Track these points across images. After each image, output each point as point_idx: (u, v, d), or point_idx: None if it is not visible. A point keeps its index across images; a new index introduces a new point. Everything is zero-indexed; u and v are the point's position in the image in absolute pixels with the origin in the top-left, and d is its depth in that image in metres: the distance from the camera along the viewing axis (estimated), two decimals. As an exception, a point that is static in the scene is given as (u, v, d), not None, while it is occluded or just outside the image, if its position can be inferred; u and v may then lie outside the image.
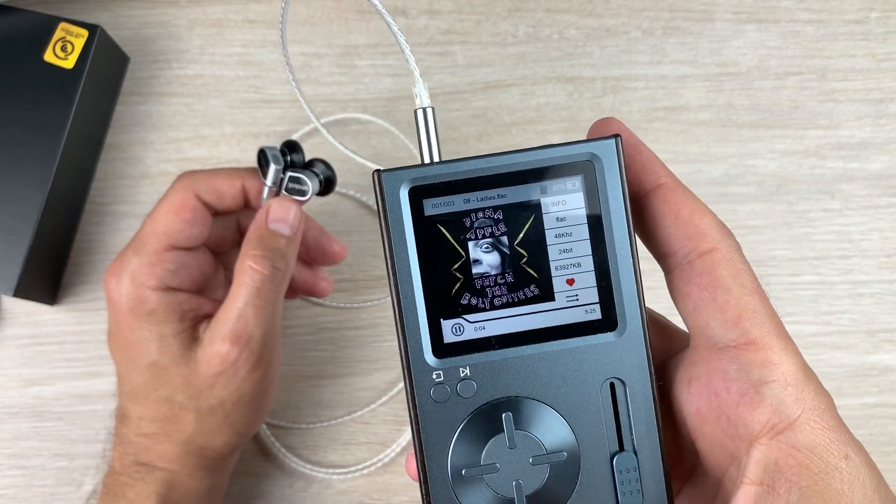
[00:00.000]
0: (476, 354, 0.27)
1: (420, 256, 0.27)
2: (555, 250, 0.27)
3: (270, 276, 0.37)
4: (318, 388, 0.50)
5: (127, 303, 0.38)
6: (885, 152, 0.53)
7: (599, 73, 0.54)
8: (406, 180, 0.27)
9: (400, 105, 0.53)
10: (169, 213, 0.39)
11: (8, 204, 0.46)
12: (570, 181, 0.27)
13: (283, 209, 0.39)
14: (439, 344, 0.27)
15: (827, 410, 0.25)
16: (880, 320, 0.51)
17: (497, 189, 0.27)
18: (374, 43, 0.54)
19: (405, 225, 0.27)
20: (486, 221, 0.27)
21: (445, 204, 0.27)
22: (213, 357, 0.37)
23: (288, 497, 0.48)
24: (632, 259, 0.27)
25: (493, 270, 0.27)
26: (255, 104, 0.53)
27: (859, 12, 0.55)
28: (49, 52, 0.48)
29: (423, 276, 0.27)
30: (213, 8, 0.54)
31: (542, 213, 0.27)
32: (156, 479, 0.39)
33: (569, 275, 0.27)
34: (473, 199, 0.27)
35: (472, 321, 0.27)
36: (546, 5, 0.55)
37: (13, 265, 0.46)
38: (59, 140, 0.47)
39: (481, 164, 0.27)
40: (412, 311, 0.27)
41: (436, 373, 0.27)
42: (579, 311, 0.27)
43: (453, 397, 0.27)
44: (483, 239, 0.27)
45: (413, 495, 0.48)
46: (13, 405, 0.49)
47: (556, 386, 0.27)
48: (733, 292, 0.26)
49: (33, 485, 0.48)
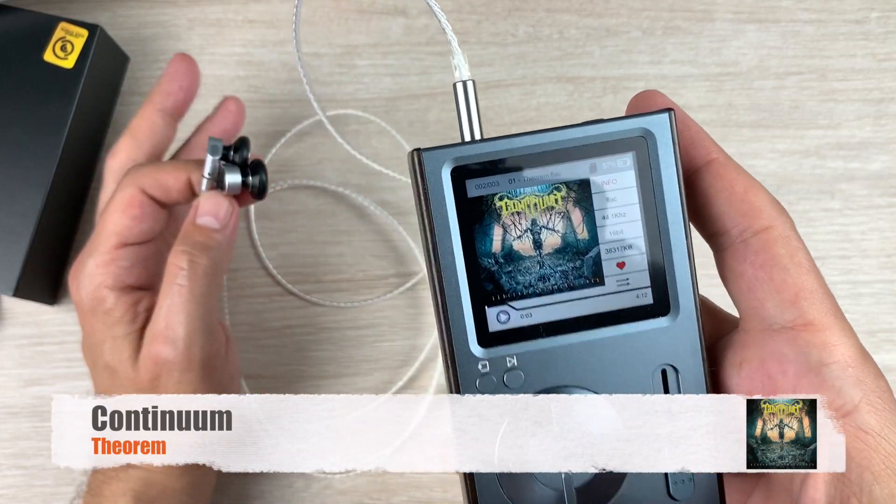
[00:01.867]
0: (523, 343, 0.26)
1: (463, 240, 0.25)
2: (605, 232, 0.26)
3: (190, 271, 0.37)
4: (319, 388, 0.50)
5: (87, 303, 0.38)
6: (886, 152, 0.53)
7: (599, 73, 0.54)
8: (449, 159, 0.25)
9: (400, 105, 0.53)
10: (117, 212, 0.39)
11: (8, 204, 0.46)
12: (622, 158, 0.26)
13: (211, 203, 0.38)
14: (484, 333, 0.26)
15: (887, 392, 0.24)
16: (880, 320, 0.51)
17: (544, 167, 0.25)
18: (373, 42, 0.54)
19: (448, 207, 0.25)
20: (532, 202, 0.26)
21: (490, 184, 0.25)
22: (147, 360, 0.37)
23: (287, 497, 0.48)
24: (686, 241, 0.26)
25: (539, 254, 0.26)
26: (255, 104, 0.53)
27: (859, 12, 0.55)
28: (49, 52, 0.48)
29: (467, 262, 0.25)
30: (213, 8, 0.54)
31: (592, 193, 0.26)
32: (130, 477, 0.39)
33: (619, 258, 0.26)
34: (519, 178, 0.25)
35: (519, 308, 0.26)
36: (546, 5, 0.55)
37: (13, 265, 0.46)
38: (59, 140, 0.47)
39: (527, 140, 0.25)
40: (456, 299, 0.25)
41: (481, 363, 0.26)
42: (630, 296, 0.26)
43: (500, 388, 0.26)
44: (529, 221, 0.26)
45: (413, 495, 0.48)
46: (13, 405, 0.49)
47: (606, 374, 0.26)
48: (791, 272, 0.25)
49: (33, 485, 0.48)
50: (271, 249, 0.51)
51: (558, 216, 0.26)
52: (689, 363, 0.26)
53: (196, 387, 0.38)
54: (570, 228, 0.26)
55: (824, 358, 0.24)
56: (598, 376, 0.26)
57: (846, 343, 0.24)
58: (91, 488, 0.39)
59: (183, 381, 0.38)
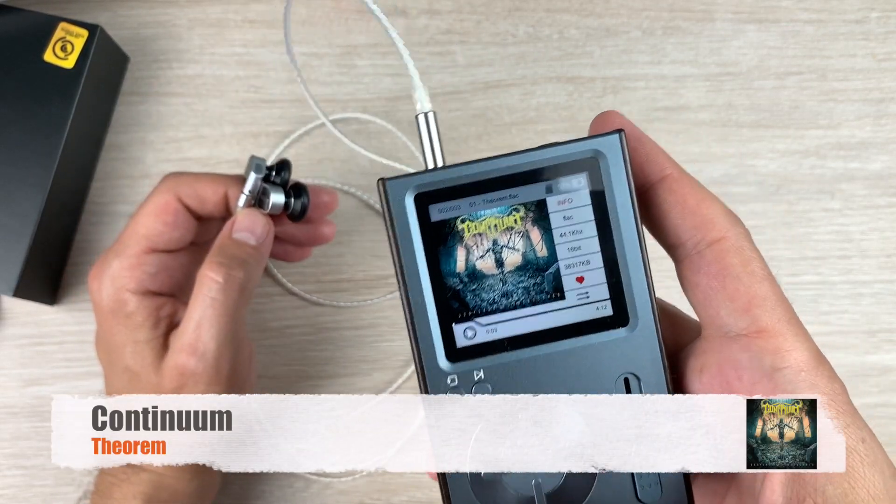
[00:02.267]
0: (489, 357, 0.27)
1: (429, 262, 0.27)
2: (563, 249, 0.27)
3: (226, 285, 0.36)
4: (318, 388, 0.50)
5: (108, 305, 0.38)
6: (886, 152, 0.53)
7: (599, 73, 0.54)
8: (411, 187, 0.27)
9: (400, 105, 0.53)
10: (150, 216, 0.38)
11: (8, 204, 0.46)
12: (576, 179, 0.27)
13: (249, 219, 0.38)
14: (452, 348, 0.27)
15: (840, 395, 0.25)
16: (880, 320, 0.51)
17: (502, 191, 0.27)
18: (373, 43, 0.54)
19: (412, 231, 0.27)
20: (492, 224, 0.27)
21: (451, 208, 0.27)
22: (173, 369, 0.37)
23: (288, 497, 0.48)
24: (641, 254, 0.27)
25: (502, 272, 0.27)
26: (255, 104, 0.53)
27: (859, 12, 0.55)
28: (49, 52, 0.48)
29: (433, 282, 0.27)
30: (213, 8, 0.54)
31: (549, 213, 0.27)
32: (142, 481, 0.39)
33: (578, 273, 0.27)
34: (479, 202, 0.27)
35: (484, 324, 0.27)
36: (546, 5, 0.55)
37: (13, 265, 0.46)
38: (59, 140, 0.47)
39: (485, 167, 0.27)
40: (423, 318, 0.27)
41: (450, 377, 0.27)
42: (590, 309, 0.27)
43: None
44: (490, 242, 0.27)
45: (413, 495, 0.48)
46: (13, 405, 0.49)
47: (570, 384, 0.27)
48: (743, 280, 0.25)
49: (33, 485, 0.48)
50: (271, 249, 0.51)
51: (518, 235, 0.27)
52: (650, 371, 0.27)
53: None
54: (529, 247, 0.27)
55: (777, 363, 0.25)
56: (562, 386, 0.27)
57: (799, 348, 0.25)
58: (99, 490, 0.39)
59: (208, 392, 0.38)
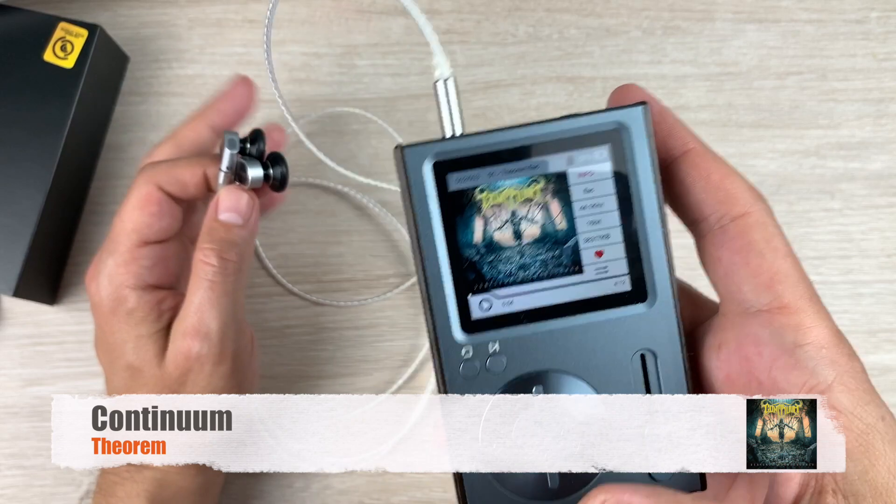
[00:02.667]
0: (505, 329, 0.27)
1: (446, 232, 0.26)
2: (583, 222, 0.27)
3: (221, 268, 0.37)
4: (318, 388, 0.50)
5: (108, 304, 0.38)
6: (886, 152, 0.53)
7: (599, 73, 0.54)
8: (430, 155, 0.26)
9: (400, 105, 0.53)
10: (135, 210, 0.38)
11: (8, 204, 0.46)
12: (598, 151, 0.26)
13: (232, 198, 0.38)
14: (467, 320, 0.27)
15: (860, 373, 0.25)
16: (880, 320, 0.51)
17: (522, 161, 0.26)
18: (373, 42, 0.54)
19: (430, 201, 0.26)
20: (511, 195, 0.27)
21: (470, 178, 0.26)
22: (177, 355, 0.37)
23: (287, 497, 0.48)
24: (662, 229, 0.26)
25: (519, 244, 0.27)
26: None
27: (859, 12, 0.55)
28: (49, 52, 0.48)
29: (450, 252, 0.26)
30: (213, 7, 0.54)
31: (569, 185, 0.27)
32: (145, 478, 0.39)
33: (597, 247, 0.27)
34: (498, 172, 0.26)
35: (501, 296, 0.27)
36: (546, 5, 0.55)
37: (13, 265, 0.46)
38: (59, 140, 0.47)
39: (506, 136, 0.26)
40: (439, 288, 0.26)
41: (465, 349, 0.27)
42: (609, 284, 0.27)
43: (483, 373, 0.27)
44: (509, 213, 0.27)
45: (413, 495, 0.48)
46: (13, 405, 0.49)
47: (586, 359, 0.27)
48: (766, 256, 0.25)
49: (33, 484, 0.48)
50: (271, 249, 0.51)
51: (537, 207, 0.27)
52: (667, 348, 0.27)
53: (226, 380, 0.38)
54: (548, 219, 0.27)
55: (798, 339, 0.25)
56: (577, 361, 0.27)
57: (820, 325, 0.25)
58: (102, 488, 0.39)
59: (215, 374, 0.38)
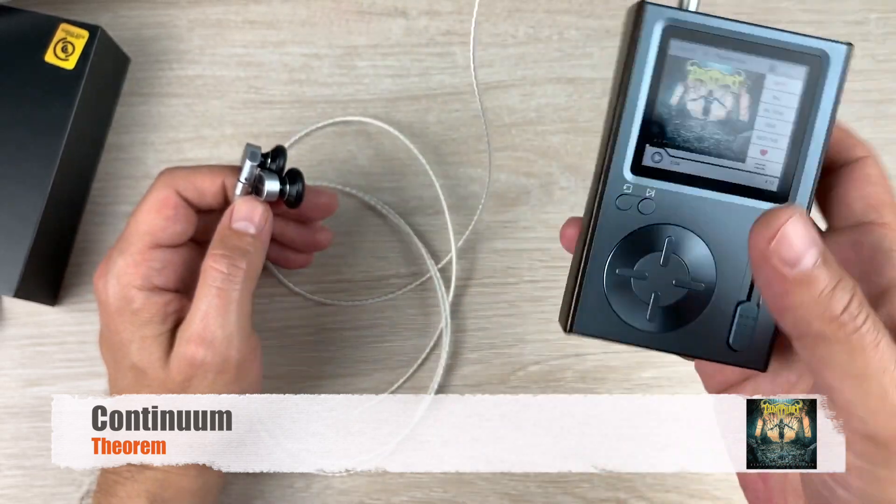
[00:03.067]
0: (665, 182, 0.31)
1: (651, 85, 0.31)
2: (761, 122, 0.31)
3: (230, 275, 0.37)
4: (319, 388, 0.50)
5: (114, 303, 0.38)
6: (885, 153, 0.53)
7: (599, 74, 0.54)
8: (664, 18, 0.31)
9: (400, 106, 0.53)
10: (151, 212, 0.39)
11: (8, 204, 0.46)
12: (797, 69, 0.31)
13: (247, 208, 0.38)
14: (638, 164, 0.31)
15: None
16: (880, 321, 0.51)
17: (735, 52, 0.31)
18: (374, 44, 0.54)
19: (650, 54, 0.30)
20: (715, 76, 0.31)
21: (688, 50, 0.31)
22: (181, 360, 0.37)
23: (288, 496, 0.48)
24: (820, 157, 0.30)
25: (705, 119, 0.31)
26: (256, 105, 0.53)
27: (859, 13, 0.55)
28: (50, 53, 0.48)
29: (647, 103, 0.31)
30: (214, 9, 0.55)
31: (763, 87, 0.31)
32: (147, 479, 0.39)
33: (765, 146, 0.31)
34: (712, 54, 0.31)
35: (672, 155, 0.31)
36: (546, 6, 0.55)
37: (14, 266, 0.46)
38: (60, 141, 0.47)
39: (731, 26, 0.30)
40: (627, 129, 0.31)
41: (627, 185, 0.31)
42: (761, 179, 0.31)
43: (632, 209, 0.31)
44: (707, 90, 0.31)
45: (413, 495, 0.48)
46: (13, 405, 0.49)
47: (718, 231, 0.31)
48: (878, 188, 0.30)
49: (34, 485, 0.48)
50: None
51: (731, 95, 0.31)
52: None
53: (229, 387, 0.38)
54: (735, 108, 0.31)
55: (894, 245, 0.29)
56: (711, 229, 0.31)
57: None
58: (102, 488, 0.39)
59: (217, 381, 0.38)
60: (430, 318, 0.51)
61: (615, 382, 0.50)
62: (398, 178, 0.52)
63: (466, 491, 0.48)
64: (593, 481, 0.48)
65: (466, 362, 0.50)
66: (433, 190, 0.51)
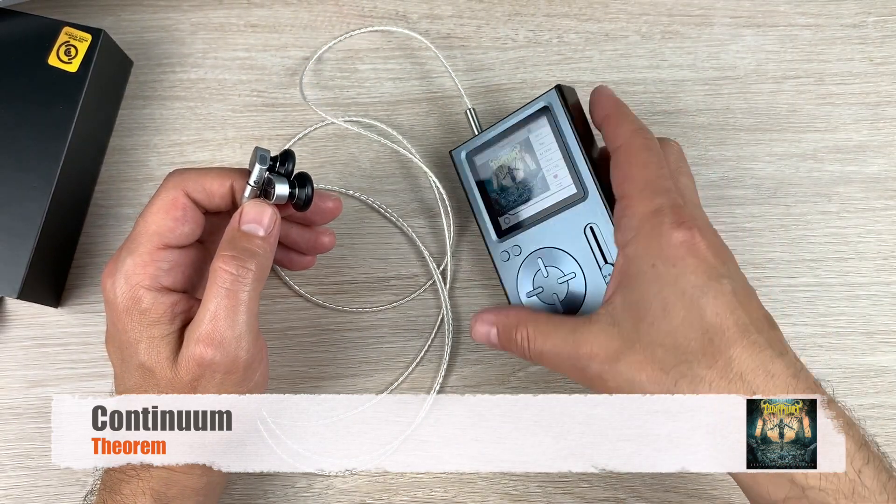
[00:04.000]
0: (519, 231, 0.46)
1: (478, 185, 0.48)
2: (543, 160, 0.45)
3: (239, 276, 0.37)
4: (320, 388, 0.50)
5: (122, 302, 0.38)
6: (882, 155, 0.54)
7: (599, 77, 0.54)
8: (463, 151, 0.49)
9: (400, 109, 0.54)
10: (160, 212, 0.39)
11: (12, 206, 0.47)
12: (541, 121, 0.45)
13: (256, 210, 0.39)
14: (499, 230, 0.47)
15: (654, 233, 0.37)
16: (877, 322, 0.51)
17: (505, 139, 0.47)
18: (375, 47, 0.55)
19: (467, 171, 0.48)
20: (506, 158, 0.47)
21: (484, 156, 0.48)
22: (189, 360, 0.37)
23: (290, 496, 0.48)
24: (584, 157, 0.43)
25: (515, 183, 0.47)
26: (258, 108, 0.54)
27: (856, 16, 0.56)
28: (53, 56, 0.48)
29: (482, 197, 0.48)
30: (216, 12, 0.55)
31: (532, 143, 0.46)
32: (151, 477, 0.39)
33: (554, 172, 0.45)
34: (496, 148, 0.47)
35: (512, 213, 0.47)
36: (546, 10, 0.56)
37: (18, 267, 0.46)
38: (63, 143, 0.47)
39: (494, 130, 0.47)
40: (481, 215, 0.48)
41: (500, 245, 0.47)
42: (565, 192, 0.44)
43: (511, 257, 0.46)
44: (507, 169, 0.47)
45: (414, 495, 0.48)
46: (17, 406, 0.49)
47: (560, 237, 0.44)
48: (625, 169, 0.40)
49: (37, 485, 0.48)
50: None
51: (519, 160, 0.46)
52: (601, 220, 0.42)
53: (236, 388, 0.39)
54: (525, 165, 0.46)
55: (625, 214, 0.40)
56: (557, 238, 0.44)
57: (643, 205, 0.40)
58: (107, 486, 0.40)
59: (226, 381, 0.38)
60: (431, 319, 0.51)
61: (614, 383, 0.50)
62: (399, 180, 0.53)
63: (466, 491, 0.48)
64: (593, 481, 0.48)
65: (466, 362, 0.50)
66: (434, 192, 0.52)
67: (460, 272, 0.52)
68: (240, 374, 0.38)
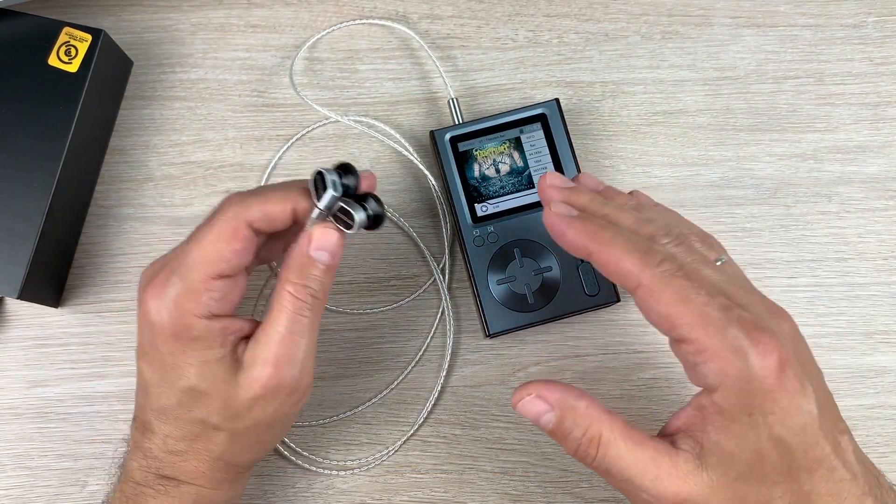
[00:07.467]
0: (495, 220, 0.49)
1: (459, 172, 0.50)
2: (531, 160, 0.50)
3: (306, 302, 0.37)
4: (319, 388, 0.50)
5: (170, 328, 0.37)
6: (882, 155, 0.54)
7: (599, 78, 0.54)
8: (447, 134, 0.51)
9: (401, 109, 0.54)
10: (220, 242, 0.37)
11: (12, 206, 0.47)
12: (535, 125, 0.50)
13: (326, 237, 0.38)
14: (475, 216, 0.50)
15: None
16: (877, 322, 0.51)
17: (497, 133, 0.50)
18: (375, 47, 0.55)
19: (449, 155, 0.50)
20: (493, 150, 0.50)
21: (469, 144, 0.50)
22: (254, 381, 0.37)
23: (290, 496, 0.48)
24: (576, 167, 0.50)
25: (499, 175, 0.50)
26: (258, 108, 0.54)
27: (856, 16, 0.56)
28: (53, 57, 0.48)
29: (462, 182, 0.50)
30: (216, 12, 0.55)
31: (522, 143, 0.50)
32: (181, 493, 0.38)
33: (541, 173, 0.49)
34: (484, 140, 0.50)
35: (491, 203, 0.50)
36: (546, 10, 0.56)
37: (18, 267, 0.46)
38: (63, 143, 0.47)
39: (486, 123, 0.50)
40: (459, 201, 0.50)
41: (475, 231, 0.49)
42: None
43: (486, 243, 0.49)
44: (492, 160, 0.50)
45: (414, 495, 0.48)
46: (17, 406, 0.49)
47: (540, 230, 0.46)
48: (662, 309, 0.35)
49: (37, 485, 0.48)
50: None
51: (507, 156, 0.50)
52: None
53: (294, 408, 0.39)
54: (513, 161, 0.50)
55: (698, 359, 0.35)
56: (532, 231, 0.48)
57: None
58: (129, 497, 0.39)
59: (287, 402, 0.38)
60: (431, 319, 0.51)
61: (614, 383, 0.50)
62: (399, 180, 0.53)
63: (466, 491, 0.48)
64: (593, 481, 0.49)
65: (466, 362, 0.50)
66: (433, 192, 0.52)
67: (460, 272, 0.52)
68: (299, 396, 0.38)
